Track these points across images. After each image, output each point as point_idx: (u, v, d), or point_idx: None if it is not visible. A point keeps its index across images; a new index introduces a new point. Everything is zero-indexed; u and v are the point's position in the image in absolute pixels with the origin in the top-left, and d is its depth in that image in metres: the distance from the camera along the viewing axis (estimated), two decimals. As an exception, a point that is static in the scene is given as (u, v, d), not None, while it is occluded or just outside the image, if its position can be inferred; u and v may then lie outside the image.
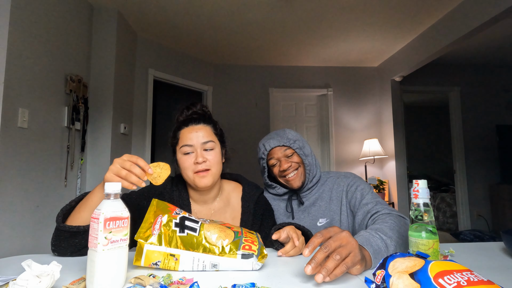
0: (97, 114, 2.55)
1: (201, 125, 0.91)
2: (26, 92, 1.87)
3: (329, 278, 0.55)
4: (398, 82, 3.81)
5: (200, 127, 0.91)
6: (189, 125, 0.91)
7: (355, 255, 0.58)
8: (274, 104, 4.10)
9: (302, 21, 2.96)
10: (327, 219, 1.08)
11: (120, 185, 0.57)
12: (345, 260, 0.56)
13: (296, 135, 1.12)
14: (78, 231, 0.71)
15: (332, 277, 0.55)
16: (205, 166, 0.87)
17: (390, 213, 0.88)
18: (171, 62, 3.51)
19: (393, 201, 3.76)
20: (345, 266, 0.56)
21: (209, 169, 0.87)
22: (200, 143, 0.88)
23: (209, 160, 0.88)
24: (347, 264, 0.56)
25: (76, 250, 0.73)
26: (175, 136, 0.92)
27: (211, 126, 0.94)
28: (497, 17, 2.33)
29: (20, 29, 1.83)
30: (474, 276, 0.40)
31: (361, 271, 0.62)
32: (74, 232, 0.71)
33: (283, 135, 1.10)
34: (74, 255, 0.74)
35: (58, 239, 0.73)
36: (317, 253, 0.56)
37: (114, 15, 2.66)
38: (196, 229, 0.67)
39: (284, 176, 1.08)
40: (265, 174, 1.12)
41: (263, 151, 1.09)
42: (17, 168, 1.82)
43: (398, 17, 2.89)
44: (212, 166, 0.88)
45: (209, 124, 0.94)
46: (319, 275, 0.54)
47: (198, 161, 0.86)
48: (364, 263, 0.61)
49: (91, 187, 2.51)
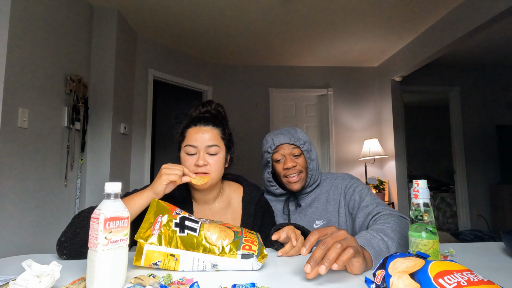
0: (97, 114, 2.55)
1: (209, 127, 0.90)
2: (26, 92, 1.87)
3: (337, 265, 0.53)
4: (398, 82, 3.82)
5: (208, 129, 0.89)
6: (197, 125, 0.90)
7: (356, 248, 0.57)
8: (274, 104, 4.10)
9: (302, 21, 2.96)
10: (323, 221, 1.07)
11: (120, 185, 0.56)
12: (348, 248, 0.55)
13: (306, 137, 1.10)
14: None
15: (341, 264, 0.53)
16: (205, 170, 0.86)
17: (391, 214, 0.87)
18: (171, 62, 3.51)
19: (393, 201, 3.76)
20: (349, 252, 0.54)
21: (207, 173, 0.86)
22: (204, 146, 0.87)
23: (210, 164, 0.87)
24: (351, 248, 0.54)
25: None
26: (182, 133, 0.91)
27: (220, 129, 0.92)
28: (497, 17, 2.33)
29: (20, 29, 1.83)
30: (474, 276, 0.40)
31: (361, 271, 0.62)
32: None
33: (294, 133, 1.08)
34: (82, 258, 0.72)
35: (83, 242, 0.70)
36: (315, 250, 0.56)
37: (114, 15, 2.66)
38: (196, 229, 0.67)
39: (285, 176, 1.06)
40: (268, 168, 1.09)
41: (271, 144, 1.07)
42: (17, 168, 1.82)
43: (398, 17, 2.89)
44: (212, 171, 0.87)
45: (218, 127, 0.92)
46: (321, 266, 0.53)
47: (198, 163, 0.85)
48: (364, 261, 0.61)
49: (91, 187, 2.51)
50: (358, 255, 0.58)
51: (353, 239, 0.60)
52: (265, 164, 1.11)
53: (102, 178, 2.52)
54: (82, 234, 0.71)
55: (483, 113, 4.20)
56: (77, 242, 0.71)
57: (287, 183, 1.07)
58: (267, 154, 1.08)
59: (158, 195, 0.78)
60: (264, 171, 1.12)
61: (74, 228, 0.73)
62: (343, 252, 0.55)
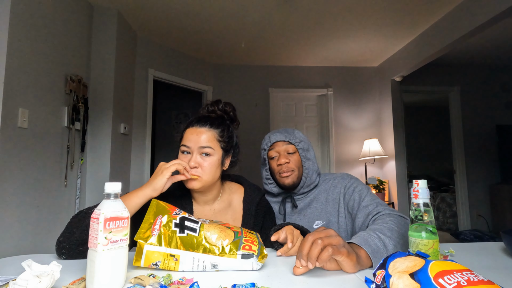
0: (97, 114, 2.55)
1: (205, 128, 0.88)
2: (26, 92, 1.87)
3: (318, 263, 0.57)
4: (398, 82, 3.82)
5: (204, 130, 0.88)
6: (194, 125, 0.89)
7: (339, 246, 0.59)
8: (274, 104, 4.10)
9: (302, 21, 2.96)
10: (323, 221, 1.07)
11: (120, 185, 0.56)
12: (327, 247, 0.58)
13: (303, 137, 1.12)
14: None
15: (320, 262, 0.57)
16: (195, 172, 0.85)
17: (391, 213, 0.87)
18: (171, 62, 3.51)
19: (393, 201, 3.76)
20: (328, 250, 0.57)
21: (199, 176, 0.85)
22: (197, 147, 0.86)
23: (202, 166, 0.86)
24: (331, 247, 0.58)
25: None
26: (182, 133, 0.92)
27: (217, 131, 0.90)
28: (497, 17, 2.33)
29: (20, 29, 1.83)
30: (474, 276, 0.40)
31: (355, 269, 0.62)
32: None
33: (291, 132, 1.10)
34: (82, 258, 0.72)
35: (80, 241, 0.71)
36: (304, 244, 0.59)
37: (114, 15, 2.66)
38: (196, 230, 0.67)
39: (279, 173, 1.07)
40: (266, 166, 1.12)
41: (267, 142, 1.10)
42: (17, 168, 1.82)
43: (398, 17, 2.89)
44: (203, 174, 0.85)
45: (216, 128, 0.90)
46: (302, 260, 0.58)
47: (190, 165, 0.85)
48: (354, 258, 0.62)
49: (91, 187, 2.51)
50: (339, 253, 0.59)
51: (339, 239, 0.61)
52: (263, 161, 1.13)
53: (102, 178, 2.52)
54: (78, 233, 0.72)
55: (483, 113, 4.20)
56: (74, 241, 0.71)
57: (279, 178, 1.08)
58: (263, 151, 1.11)
59: (157, 192, 0.78)
60: (262, 169, 1.14)
61: (71, 228, 0.74)
62: (322, 251, 0.58)
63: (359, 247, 0.67)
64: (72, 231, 0.73)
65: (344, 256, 0.60)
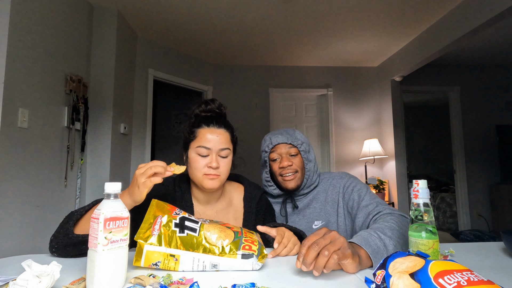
0: (97, 114, 2.55)
1: (222, 130, 0.90)
2: (26, 92, 1.87)
3: (325, 271, 0.58)
4: (398, 82, 3.82)
5: (221, 131, 0.89)
6: (210, 125, 0.89)
7: (344, 249, 0.59)
8: (274, 104, 4.09)
9: (302, 21, 2.96)
10: (322, 221, 1.07)
11: (120, 185, 0.56)
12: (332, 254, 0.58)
13: (304, 138, 1.10)
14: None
15: (327, 270, 0.58)
16: (217, 172, 0.87)
17: (392, 213, 0.87)
18: (171, 62, 3.51)
19: (393, 201, 3.76)
20: (334, 258, 0.57)
21: (219, 175, 0.87)
22: (217, 148, 0.87)
23: (221, 167, 0.88)
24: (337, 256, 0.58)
25: (81, 255, 0.73)
26: (193, 132, 0.90)
27: (230, 132, 0.92)
28: (497, 17, 2.33)
29: (20, 29, 1.83)
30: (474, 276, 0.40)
31: (356, 270, 0.62)
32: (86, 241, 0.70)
33: (292, 133, 1.09)
34: (75, 257, 0.74)
35: (63, 244, 0.71)
36: (309, 251, 0.58)
37: (114, 15, 2.66)
38: (196, 229, 0.67)
39: (281, 175, 1.06)
40: (266, 168, 1.09)
41: (268, 144, 1.07)
42: (17, 168, 1.82)
43: (398, 17, 2.89)
44: (222, 173, 0.88)
45: (228, 129, 0.92)
46: (314, 271, 0.58)
47: (212, 165, 0.85)
48: (357, 259, 0.62)
49: (91, 187, 2.51)
50: (348, 255, 0.59)
51: (343, 239, 0.61)
52: (263, 163, 1.11)
53: (102, 178, 2.52)
54: (60, 237, 0.72)
55: (483, 113, 4.20)
56: (60, 243, 0.72)
57: (282, 181, 1.07)
58: (264, 153, 1.09)
59: (138, 203, 0.72)
60: (262, 171, 1.12)
61: (60, 229, 0.74)
62: (328, 260, 0.57)
63: (359, 246, 0.67)
64: (59, 231, 0.74)
65: (349, 258, 0.60)
